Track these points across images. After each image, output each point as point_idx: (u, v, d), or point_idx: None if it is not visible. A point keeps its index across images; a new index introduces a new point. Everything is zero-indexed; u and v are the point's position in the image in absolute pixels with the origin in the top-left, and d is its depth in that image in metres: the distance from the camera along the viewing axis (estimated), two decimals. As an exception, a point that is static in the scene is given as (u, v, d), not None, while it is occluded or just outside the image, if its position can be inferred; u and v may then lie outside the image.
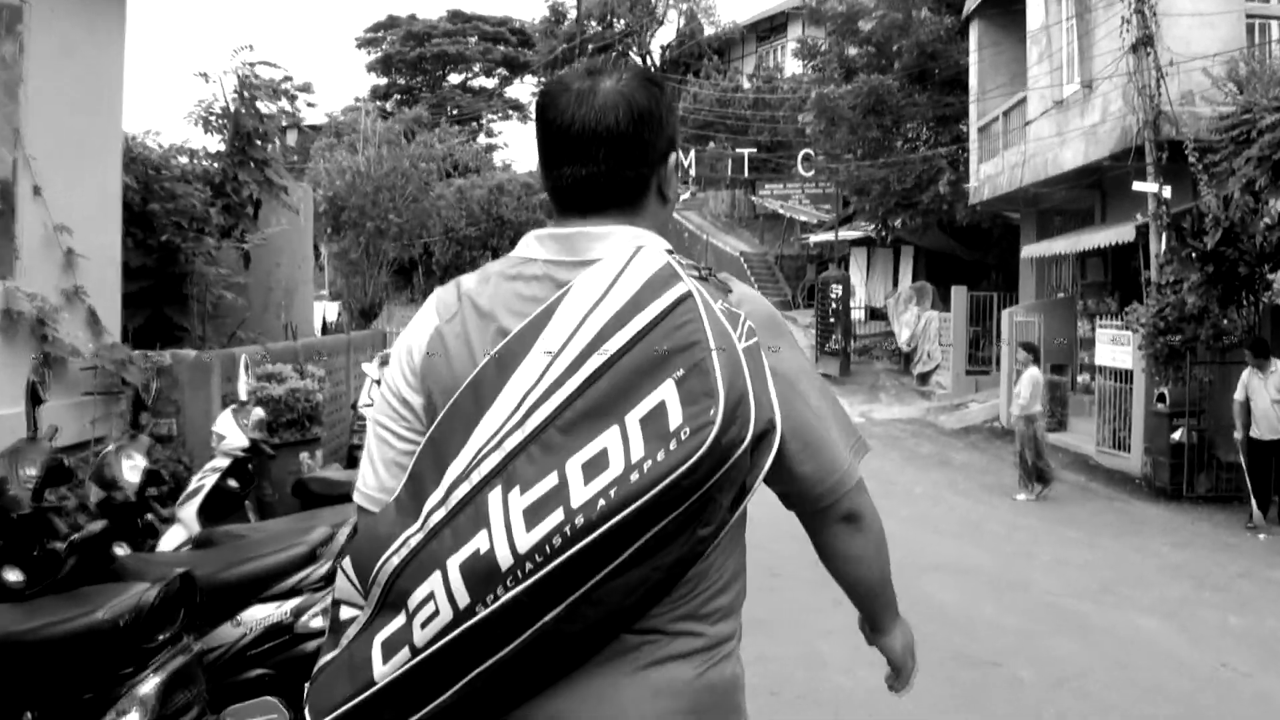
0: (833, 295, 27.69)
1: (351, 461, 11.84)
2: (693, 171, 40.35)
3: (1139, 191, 15.58)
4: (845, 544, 2.10)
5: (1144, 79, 15.36)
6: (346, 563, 1.94)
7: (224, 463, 7.70)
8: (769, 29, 47.26)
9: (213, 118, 12.61)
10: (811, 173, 33.78)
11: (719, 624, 1.93)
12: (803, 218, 38.70)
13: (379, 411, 2.05)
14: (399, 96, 56.10)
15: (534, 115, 2.07)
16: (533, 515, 1.70)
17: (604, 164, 1.98)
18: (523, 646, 1.74)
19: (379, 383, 10.59)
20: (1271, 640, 8.01)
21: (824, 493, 2.01)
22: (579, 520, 1.67)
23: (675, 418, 1.69)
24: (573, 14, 49.81)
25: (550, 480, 1.71)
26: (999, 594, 9.11)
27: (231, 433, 7.87)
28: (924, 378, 25.68)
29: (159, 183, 10.52)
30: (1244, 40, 15.20)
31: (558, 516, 1.68)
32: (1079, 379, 20.11)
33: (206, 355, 9.37)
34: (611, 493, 1.67)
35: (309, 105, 63.99)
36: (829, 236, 33.84)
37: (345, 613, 1.94)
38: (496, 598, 1.71)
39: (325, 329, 21.62)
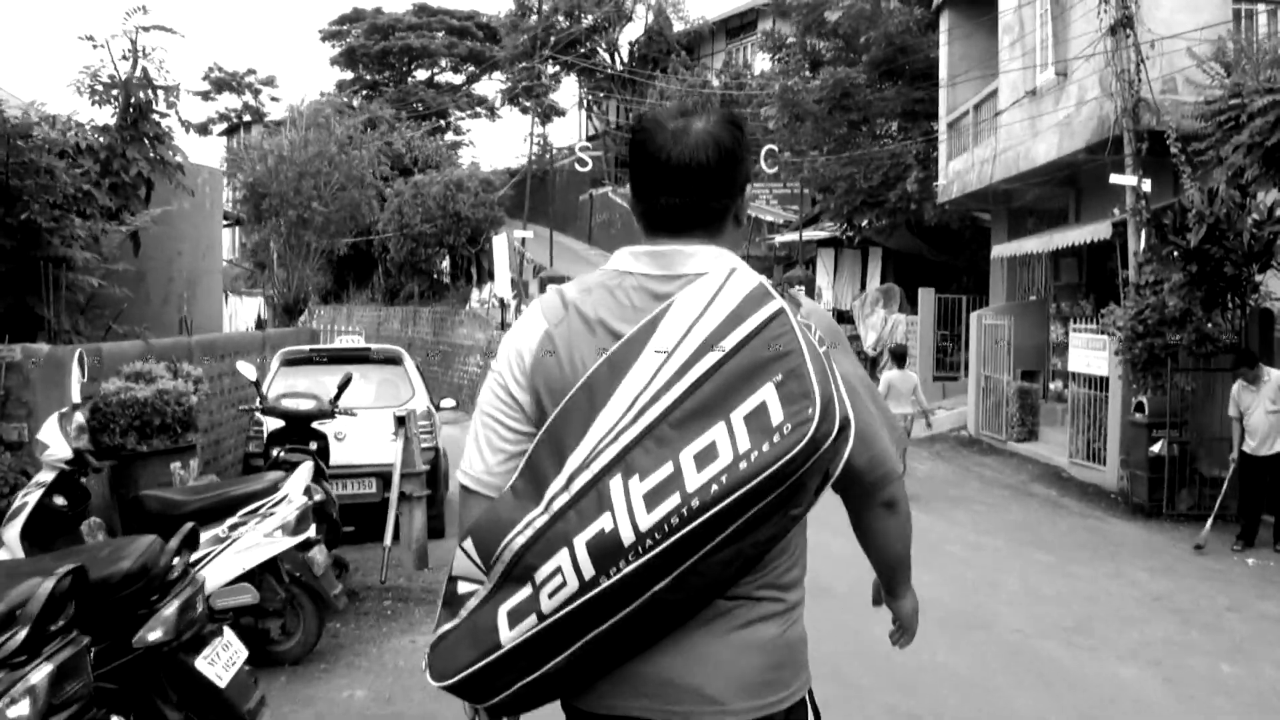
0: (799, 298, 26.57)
1: (249, 469, 10.70)
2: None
3: (1116, 187, 14.69)
4: (883, 524, 2.45)
5: (1123, 63, 14.34)
6: (468, 543, 2.24)
7: (48, 477, 6.73)
8: (739, 26, 46.37)
9: (100, 87, 11.43)
10: (775, 169, 32.69)
11: (793, 591, 2.30)
12: (769, 218, 37.81)
13: (488, 404, 2.33)
14: (365, 92, 54.94)
15: (630, 149, 2.37)
16: (652, 499, 2.01)
17: (694, 194, 2.30)
18: (633, 612, 2.06)
19: (257, 384, 9.47)
20: (1270, 695, 6.84)
21: (874, 481, 2.34)
22: (694, 503, 1.98)
23: (776, 415, 2.00)
24: (541, 7, 48.74)
25: (666, 469, 2.02)
26: (955, 634, 7.90)
27: (55, 442, 6.86)
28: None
29: (24, 155, 9.30)
30: (1229, 27, 14.17)
31: (675, 500, 1.99)
32: (1051, 386, 19.16)
33: (62, 350, 8.28)
34: (723, 479, 1.98)
35: (273, 100, 62.97)
36: (795, 237, 32.88)
37: (463, 588, 2.25)
38: (619, 570, 2.02)
39: (260, 325, 20.40)
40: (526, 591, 2.10)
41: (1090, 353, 15.31)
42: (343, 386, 9.42)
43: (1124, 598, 9.30)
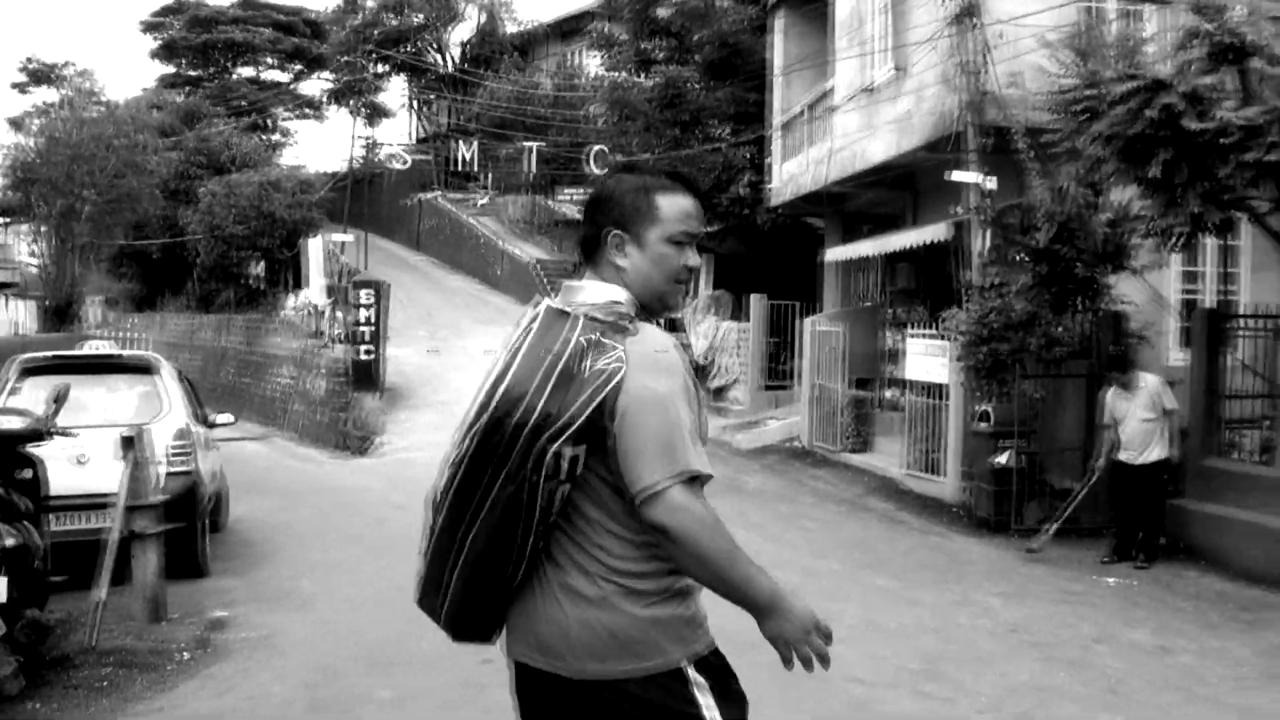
0: (624, 303, 25.57)
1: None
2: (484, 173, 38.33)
3: (954, 190, 14.15)
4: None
5: (967, 54, 13.59)
6: None
7: None
8: (572, 29, 45.46)
9: None
10: (603, 170, 31.73)
11: (642, 580, 2.61)
12: (599, 224, 36.90)
13: None
14: (186, 88, 52.36)
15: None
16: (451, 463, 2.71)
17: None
18: (465, 550, 2.63)
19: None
20: (1158, 749, 5.88)
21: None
22: (458, 455, 2.65)
23: (483, 394, 2.67)
24: (368, 4, 47.13)
25: (460, 433, 2.69)
26: (787, 686, 6.56)
27: None
28: (720, 392, 23.89)
29: None
30: (1080, 20, 13.51)
31: (458, 451, 2.66)
32: (885, 394, 18.42)
33: None
34: (467, 439, 2.64)
35: (91, 94, 59.70)
36: (625, 242, 31.98)
37: None
38: (445, 502, 2.69)
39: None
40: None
41: (928, 359, 14.56)
42: (59, 400, 7.60)
43: (977, 630, 8.33)
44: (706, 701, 2.61)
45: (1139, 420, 10.68)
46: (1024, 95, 13.26)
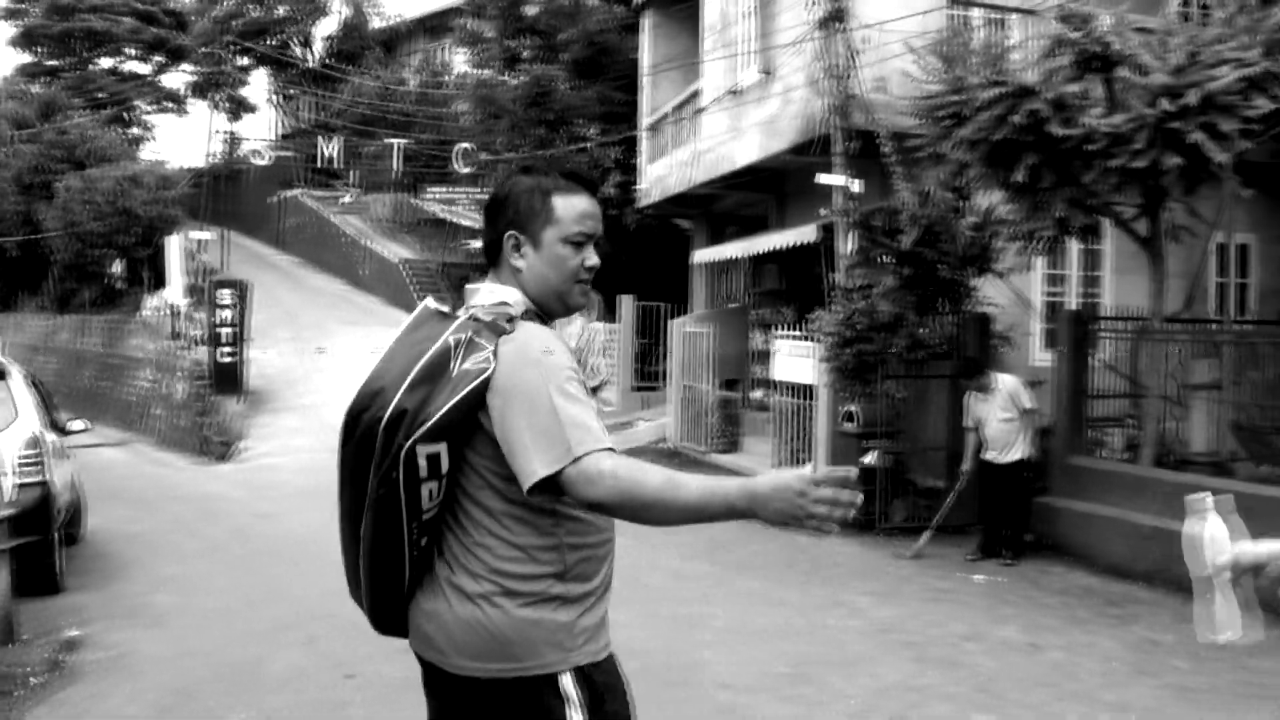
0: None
1: None
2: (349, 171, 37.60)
3: (821, 193, 14.17)
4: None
5: (833, 58, 13.67)
6: None
7: None
8: (438, 25, 45.00)
9: None
10: (469, 169, 31.41)
11: (524, 582, 2.62)
12: (467, 222, 36.54)
13: None
14: (45, 78, 50.58)
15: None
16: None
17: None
18: (362, 545, 2.70)
19: None
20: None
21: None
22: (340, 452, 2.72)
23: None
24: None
25: None
26: (653, 691, 6.46)
27: None
28: (591, 394, 23.69)
29: None
30: (946, 26, 13.67)
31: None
32: (753, 395, 18.47)
33: None
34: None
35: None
36: (490, 242, 31.68)
37: None
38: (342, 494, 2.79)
39: None
40: None
41: (795, 360, 14.59)
42: None
43: (846, 631, 8.34)
44: (574, 717, 2.61)
45: (998, 421, 10.83)
46: (890, 100, 13.38)
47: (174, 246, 30.71)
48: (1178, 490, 10.16)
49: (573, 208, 2.78)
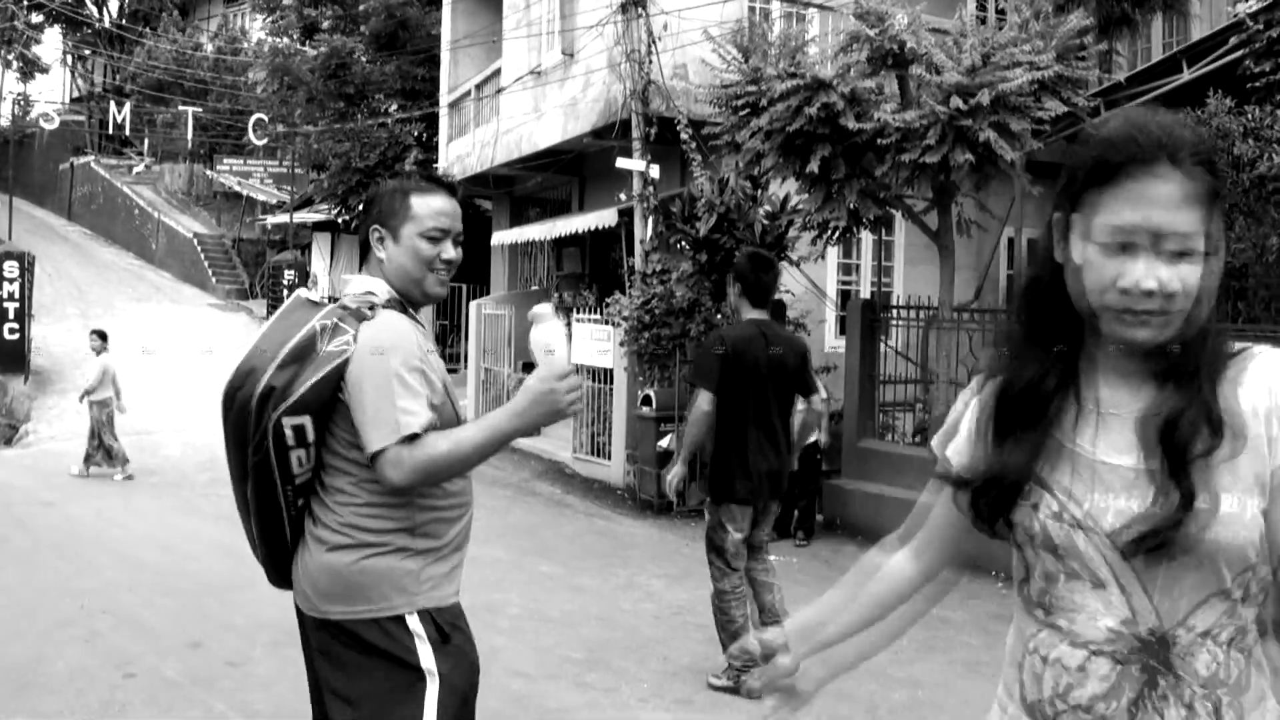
0: (285, 282, 24.67)
1: None
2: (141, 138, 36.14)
3: (622, 177, 14.18)
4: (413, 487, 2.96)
5: (633, 43, 13.74)
6: None
7: None
8: (236, -10, 43.76)
9: None
10: (265, 140, 30.64)
11: (373, 535, 2.93)
12: (263, 197, 35.65)
13: None
14: None
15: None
16: None
17: None
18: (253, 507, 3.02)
19: None
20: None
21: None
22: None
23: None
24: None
25: None
26: None
27: None
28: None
29: None
30: (745, 17, 13.83)
31: None
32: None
33: None
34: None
35: None
36: (288, 218, 30.88)
37: None
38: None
39: None
40: None
41: (594, 344, 14.64)
42: None
43: (640, 615, 8.41)
44: (423, 650, 2.90)
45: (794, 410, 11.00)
46: (689, 87, 13.52)
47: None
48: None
49: (428, 205, 3.11)
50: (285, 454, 2.90)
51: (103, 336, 15.20)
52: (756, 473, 6.56)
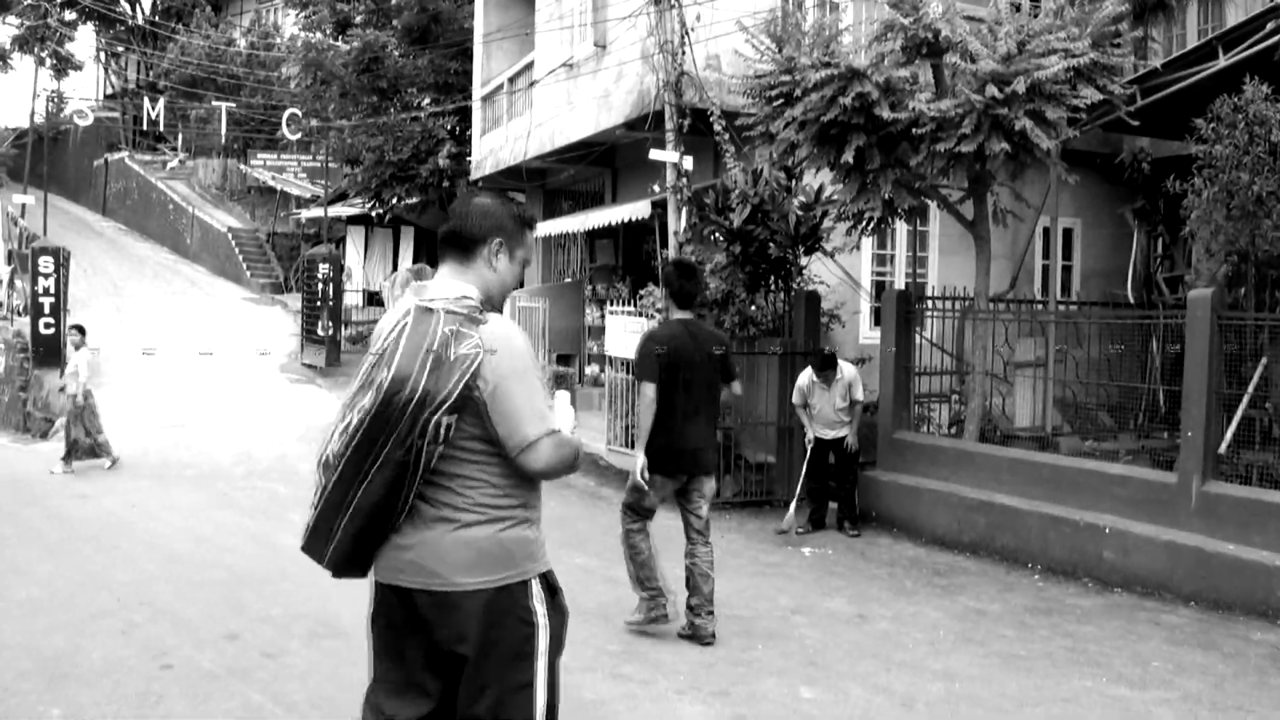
0: (320, 276, 24.70)
1: None
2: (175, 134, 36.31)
3: (654, 169, 14.22)
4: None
5: (666, 34, 13.70)
6: None
7: None
8: (269, -16, 43.89)
9: None
10: (299, 135, 30.72)
11: (506, 510, 3.35)
12: (296, 191, 35.76)
13: None
14: None
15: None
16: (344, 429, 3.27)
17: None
18: (358, 501, 3.24)
19: None
20: (854, 720, 6.00)
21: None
22: (351, 425, 3.24)
23: (378, 377, 3.23)
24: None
25: (348, 414, 3.29)
26: None
27: None
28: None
29: None
30: (778, 6, 13.77)
31: (351, 423, 3.25)
32: (587, 370, 18.47)
33: None
34: (357, 414, 3.23)
35: None
36: (322, 212, 30.99)
37: None
38: (340, 462, 3.24)
39: None
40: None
41: (628, 335, 14.55)
42: None
43: (676, 607, 8.39)
44: (541, 610, 3.37)
45: (834, 408, 11.03)
46: (722, 78, 13.48)
47: (-5, 211, 29.43)
48: (1002, 465, 10.56)
49: (531, 240, 3.65)
50: (431, 450, 3.23)
51: (81, 331, 15.56)
52: (682, 450, 7.61)
